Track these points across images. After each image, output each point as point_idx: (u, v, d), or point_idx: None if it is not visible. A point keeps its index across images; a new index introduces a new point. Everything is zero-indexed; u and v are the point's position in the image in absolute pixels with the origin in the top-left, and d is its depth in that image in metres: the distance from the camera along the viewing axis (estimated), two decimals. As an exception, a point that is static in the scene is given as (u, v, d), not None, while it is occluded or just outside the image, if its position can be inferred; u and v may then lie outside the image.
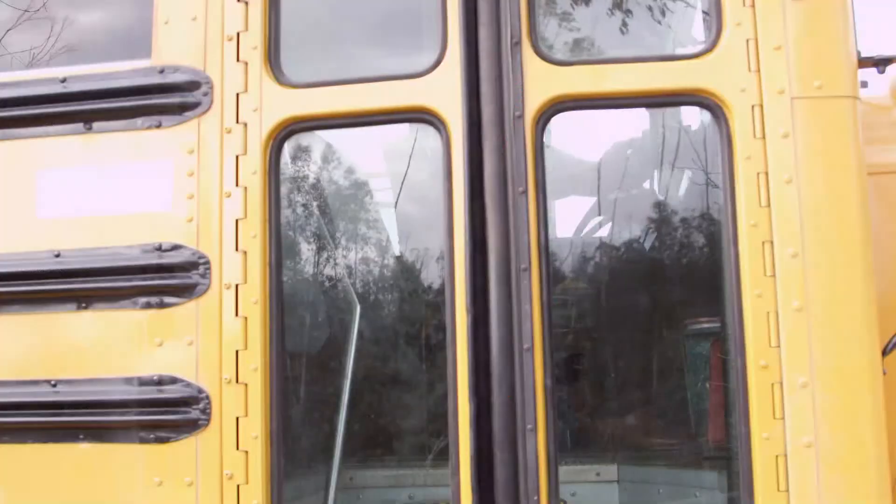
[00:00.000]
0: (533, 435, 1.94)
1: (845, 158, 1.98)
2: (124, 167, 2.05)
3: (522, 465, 1.95)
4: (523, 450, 1.95)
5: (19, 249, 2.05)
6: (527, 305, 1.95)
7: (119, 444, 1.96)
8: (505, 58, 2.01)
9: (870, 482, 1.89)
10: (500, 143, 2.01)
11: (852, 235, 1.96)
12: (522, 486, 1.94)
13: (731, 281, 2.00)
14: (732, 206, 2.05)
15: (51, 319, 2.03)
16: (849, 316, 1.94)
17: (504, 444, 1.96)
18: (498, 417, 1.96)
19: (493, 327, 1.96)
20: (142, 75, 2.05)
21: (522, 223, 1.97)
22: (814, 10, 2.02)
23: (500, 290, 1.97)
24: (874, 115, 2.60)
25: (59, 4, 2.30)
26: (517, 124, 1.99)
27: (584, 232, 4.46)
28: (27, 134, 2.09)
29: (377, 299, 3.75)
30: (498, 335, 1.97)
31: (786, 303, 1.88)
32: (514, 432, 1.95)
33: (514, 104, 2.00)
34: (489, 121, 2.02)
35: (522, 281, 1.97)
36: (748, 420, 2.01)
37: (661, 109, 4.87)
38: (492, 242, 1.99)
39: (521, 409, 1.95)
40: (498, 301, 1.97)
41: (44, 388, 2.00)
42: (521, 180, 1.98)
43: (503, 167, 2.00)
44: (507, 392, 1.96)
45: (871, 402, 1.92)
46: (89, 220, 2.04)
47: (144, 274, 1.98)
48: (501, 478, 1.96)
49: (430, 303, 3.89)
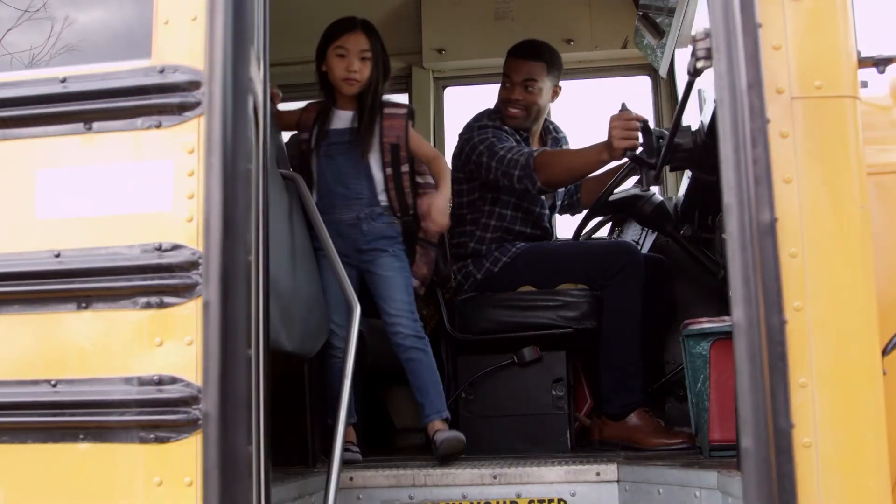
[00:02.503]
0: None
1: (845, 158, 1.98)
2: (124, 167, 2.05)
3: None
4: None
5: (19, 249, 2.05)
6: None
7: (119, 444, 1.96)
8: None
9: (870, 482, 1.89)
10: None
11: (852, 235, 1.96)
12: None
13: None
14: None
15: (51, 319, 2.03)
16: (849, 316, 1.94)
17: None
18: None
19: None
20: (142, 75, 2.05)
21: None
22: (814, 10, 2.02)
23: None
24: (874, 115, 2.60)
25: (58, 4, 2.30)
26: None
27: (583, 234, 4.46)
28: (27, 134, 2.09)
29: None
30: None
31: (786, 303, 1.88)
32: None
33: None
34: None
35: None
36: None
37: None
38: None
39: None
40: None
41: (44, 388, 2.00)
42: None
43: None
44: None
45: (871, 402, 1.92)
46: (89, 220, 2.04)
47: (144, 274, 1.98)
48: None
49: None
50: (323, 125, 3.47)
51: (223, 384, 1.75)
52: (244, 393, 1.77)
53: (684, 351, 3.32)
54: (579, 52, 5.07)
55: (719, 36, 1.86)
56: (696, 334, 3.23)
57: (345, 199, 3.44)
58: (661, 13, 3.83)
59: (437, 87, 5.29)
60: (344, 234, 3.42)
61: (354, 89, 3.43)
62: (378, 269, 3.45)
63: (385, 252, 3.45)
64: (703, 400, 3.19)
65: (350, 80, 3.41)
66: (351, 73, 3.39)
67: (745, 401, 1.75)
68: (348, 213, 3.43)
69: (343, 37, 3.43)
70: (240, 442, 1.74)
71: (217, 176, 1.79)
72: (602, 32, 5.04)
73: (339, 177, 3.42)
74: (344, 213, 3.44)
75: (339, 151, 3.44)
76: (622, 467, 3.05)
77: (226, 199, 1.79)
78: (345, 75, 3.41)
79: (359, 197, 3.44)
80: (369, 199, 3.44)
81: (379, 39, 3.45)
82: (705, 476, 2.69)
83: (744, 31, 1.83)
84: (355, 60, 3.39)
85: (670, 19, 3.63)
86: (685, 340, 3.29)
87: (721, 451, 3.12)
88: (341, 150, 3.44)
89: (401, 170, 3.42)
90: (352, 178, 3.44)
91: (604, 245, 4.17)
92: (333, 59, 3.43)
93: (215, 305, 1.77)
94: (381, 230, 3.45)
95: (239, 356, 1.77)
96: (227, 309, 1.77)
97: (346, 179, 3.43)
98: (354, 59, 3.39)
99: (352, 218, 3.43)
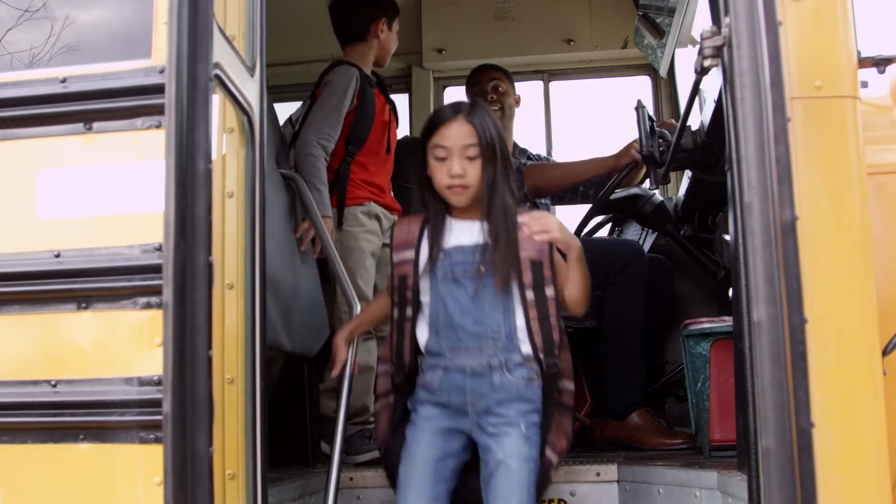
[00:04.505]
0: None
1: (845, 158, 1.98)
2: (124, 167, 2.04)
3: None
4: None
5: (19, 249, 2.05)
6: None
7: (119, 444, 1.96)
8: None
9: (870, 482, 1.89)
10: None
11: (852, 235, 1.96)
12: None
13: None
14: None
15: (51, 319, 2.03)
16: (849, 316, 1.94)
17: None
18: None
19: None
20: (142, 75, 2.04)
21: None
22: (814, 10, 2.02)
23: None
24: (874, 115, 2.60)
25: (58, 4, 2.30)
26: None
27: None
28: (27, 134, 2.09)
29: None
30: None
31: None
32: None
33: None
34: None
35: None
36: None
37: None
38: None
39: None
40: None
41: (44, 388, 1.99)
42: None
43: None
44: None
45: (871, 402, 1.92)
46: (89, 220, 2.04)
47: (144, 274, 1.98)
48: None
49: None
50: (438, 239, 2.59)
51: (178, 385, 1.73)
52: (204, 394, 1.76)
53: (684, 351, 3.32)
54: (579, 52, 5.07)
55: (741, 34, 1.84)
56: (696, 334, 3.23)
57: (475, 339, 2.53)
58: (661, 13, 3.83)
59: (437, 87, 5.30)
60: (465, 387, 2.52)
61: (464, 199, 2.58)
62: (500, 449, 2.47)
63: (515, 428, 2.48)
64: (703, 400, 3.19)
65: (455, 187, 2.56)
66: (454, 180, 2.55)
67: (766, 400, 1.74)
68: (477, 359, 2.51)
69: (439, 131, 2.58)
70: (200, 443, 1.72)
71: (172, 176, 1.79)
72: (602, 32, 5.05)
73: (466, 308, 2.53)
74: (470, 357, 2.52)
75: (466, 274, 2.54)
76: (622, 467, 3.05)
77: (180, 199, 1.77)
78: (448, 182, 2.56)
79: (494, 337, 2.52)
80: (507, 342, 2.52)
81: (489, 122, 2.58)
82: (705, 476, 2.69)
83: (767, 29, 1.82)
84: (459, 160, 2.55)
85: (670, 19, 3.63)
86: (685, 340, 3.29)
87: (721, 451, 3.12)
88: (469, 272, 2.54)
89: (545, 294, 2.52)
90: (485, 311, 2.52)
91: (607, 244, 4.17)
92: (432, 161, 2.59)
93: (171, 306, 1.75)
94: (518, 388, 2.50)
95: (198, 357, 1.75)
96: (183, 310, 1.75)
97: (476, 312, 2.52)
98: (457, 159, 2.55)
99: (481, 365, 2.50)
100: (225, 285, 2.12)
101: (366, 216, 3.69)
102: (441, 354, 2.55)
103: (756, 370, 1.77)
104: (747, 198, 1.81)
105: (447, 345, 2.55)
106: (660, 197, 4.26)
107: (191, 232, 1.78)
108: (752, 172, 1.81)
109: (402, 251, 2.64)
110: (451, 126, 2.56)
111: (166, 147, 1.81)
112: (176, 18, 1.82)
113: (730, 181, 2.20)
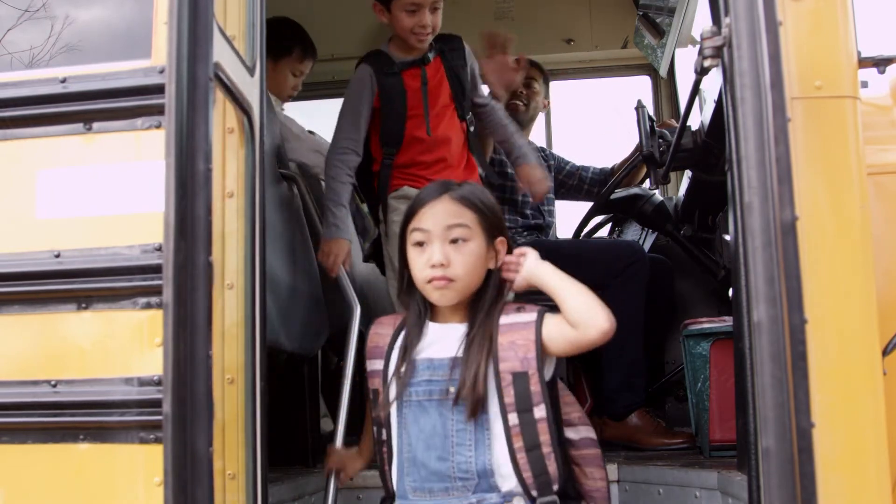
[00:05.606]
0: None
1: (845, 158, 1.98)
2: (124, 167, 2.04)
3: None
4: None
5: (19, 249, 2.05)
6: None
7: (119, 444, 1.95)
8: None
9: (870, 482, 1.89)
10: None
11: (852, 235, 1.96)
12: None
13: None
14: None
15: (51, 320, 2.03)
16: (849, 316, 1.94)
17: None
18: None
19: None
20: (142, 75, 2.04)
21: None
22: (814, 10, 2.02)
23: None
24: (874, 115, 2.60)
25: (58, 4, 2.30)
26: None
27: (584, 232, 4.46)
28: (27, 134, 2.09)
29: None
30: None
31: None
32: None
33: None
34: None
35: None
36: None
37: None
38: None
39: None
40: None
41: (44, 388, 1.99)
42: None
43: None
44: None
45: (871, 402, 1.92)
46: (89, 221, 2.03)
47: (144, 274, 1.97)
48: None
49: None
50: (410, 349, 2.16)
51: (178, 385, 1.73)
52: (204, 394, 1.75)
53: (684, 351, 3.32)
54: (579, 52, 5.07)
55: (741, 34, 1.84)
56: (696, 334, 3.24)
57: (439, 480, 2.07)
58: (661, 13, 3.83)
59: (437, 88, 5.29)
60: None
61: (448, 296, 2.14)
62: None
63: None
64: (703, 400, 3.19)
65: (436, 279, 2.12)
66: (435, 270, 2.11)
67: (766, 400, 1.74)
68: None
69: (420, 212, 2.18)
70: (200, 443, 1.72)
71: (172, 176, 1.79)
72: (602, 32, 5.05)
73: (430, 441, 2.08)
74: (443, 501, 2.06)
75: (431, 396, 2.10)
76: (622, 467, 3.05)
77: (180, 199, 1.77)
78: (427, 274, 2.12)
79: (463, 477, 2.05)
80: (480, 481, 2.05)
81: (484, 197, 2.22)
82: (705, 476, 2.69)
83: (767, 29, 1.82)
84: (441, 246, 2.12)
85: (670, 19, 3.63)
86: (685, 340, 3.29)
87: (721, 451, 3.12)
88: (436, 394, 2.09)
89: (533, 416, 2.04)
90: (450, 445, 2.06)
91: (608, 244, 4.17)
92: (410, 250, 2.18)
93: (171, 306, 1.74)
94: None
95: (198, 357, 1.74)
96: (183, 310, 1.74)
97: (441, 446, 2.07)
98: (438, 242, 2.12)
99: None
100: (225, 285, 2.12)
101: (397, 200, 3.33)
102: (404, 497, 2.10)
103: (756, 370, 1.77)
104: (747, 198, 1.82)
105: (410, 485, 2.08)
106: (660, 197, 4.26)
107: (191, 232, 1.78)
108: (752, 172, 1.81)
109: (373, 360, 2.22)
110: (435, 206, 2.14)
111: (166, 147, 1.81)
112: (176, 18, 1.82)
113: (730, 181, 2.21)
